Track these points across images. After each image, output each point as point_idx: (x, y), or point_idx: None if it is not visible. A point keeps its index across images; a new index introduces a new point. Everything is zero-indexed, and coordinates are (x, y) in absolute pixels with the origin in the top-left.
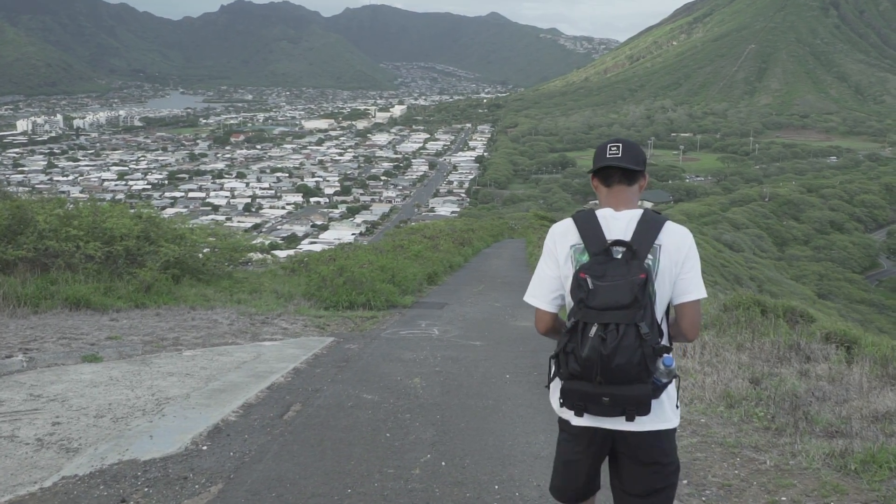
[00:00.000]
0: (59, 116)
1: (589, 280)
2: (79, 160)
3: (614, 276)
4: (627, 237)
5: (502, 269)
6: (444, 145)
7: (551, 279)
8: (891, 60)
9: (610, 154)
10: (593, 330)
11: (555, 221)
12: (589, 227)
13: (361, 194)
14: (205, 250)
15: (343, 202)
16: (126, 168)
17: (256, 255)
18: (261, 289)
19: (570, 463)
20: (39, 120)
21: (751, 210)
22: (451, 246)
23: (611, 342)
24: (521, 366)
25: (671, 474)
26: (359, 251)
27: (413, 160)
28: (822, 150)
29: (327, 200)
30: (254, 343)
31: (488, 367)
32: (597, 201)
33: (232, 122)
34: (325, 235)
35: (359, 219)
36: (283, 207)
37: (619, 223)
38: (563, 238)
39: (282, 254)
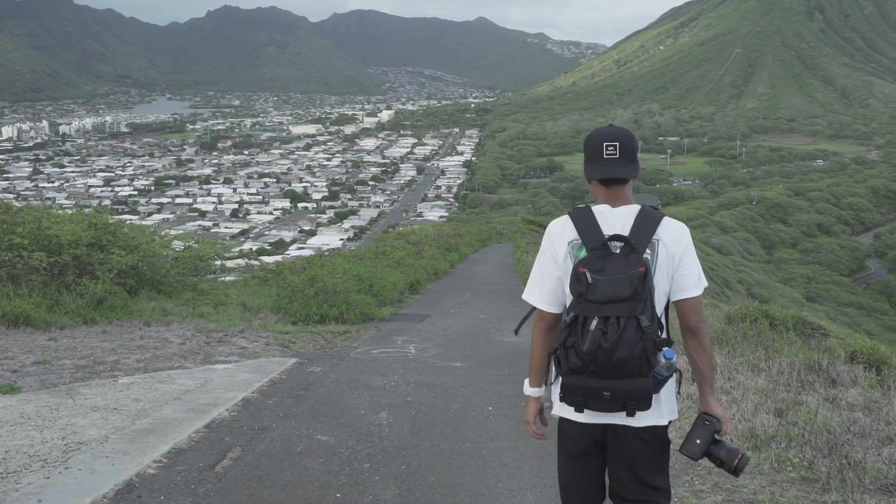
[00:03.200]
0: (44, 122)
1: (588, 274)
2: (65, 166)
3: (613, 271)
4: (625, 232)
5: (489, 275)
6: (432, 150)
7: (552, 279)
8: (875, 64)
9: (607, 154)
10: (594, 323)
11: (544, 225)
12: (586, 223)
13: (349, 199)
14: (167, 258)
15: (331, 207)
16: (112, 174)
17: (243, 262)
18: (227, 301)
19: (576, 467)
20: (25, 126)
21: (738, 213)
22: (435, 252)
23: (612, 335)
24: (507, 394)
25: (665, 473)
26: (337, 259)
27: (401, 165)
28: (808, 154)
29: (315, 206)
30: (204, 367)
31: (468, 397)
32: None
33: (219, 127)
34: (313, 241)
35: (347, 224)
36: (271, 213)
37: (616, 219)
38: (560, 235)
39: (269, 259)
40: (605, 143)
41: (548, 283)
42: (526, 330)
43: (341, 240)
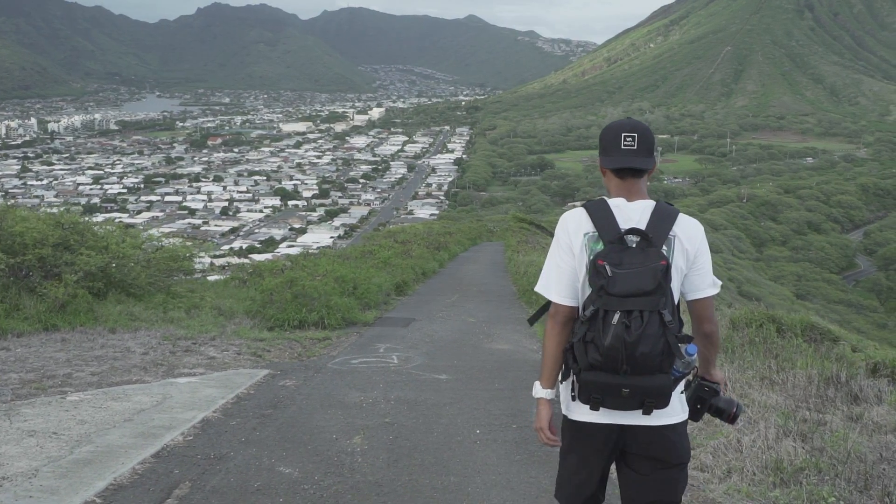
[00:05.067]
0: (33, 120)
1: (608, 267)
2: (53, 164)
3: (632, 264)
4: (642, 226)
5: (479, 275)
6: (423, 148)
7: (568, 270)
8: (864, 62)
9: (625, 145)
10: (616, 317)
11: (534, 223)
12: (602, 216)
13: (340, 197)
14: (138, 259)
15: (321, 205)
16: (101, 172)
17: (231, 261)
18: (201, 305)
19: (581, 465)
20: (13, 124)
21: (729, 211)
22: (424, 251)
23: (635, 329)
24: (497, 414)
25: (682, 478)
26: (321, 259)
27: (391, 163)
28: (798, 152)
29: (305, 204)
30: (165, 380)
31: (454, 417)
32: (576, 203)
33: (209, 125)
34: (303, 239)
35: (337, 222)
36: (261, 211)
37: (632, 213)
38: (577, 227)
39: (259, 257)
40: (623, 134)
41: (564, 276)
42: (514, 336)
43: (332, 238)
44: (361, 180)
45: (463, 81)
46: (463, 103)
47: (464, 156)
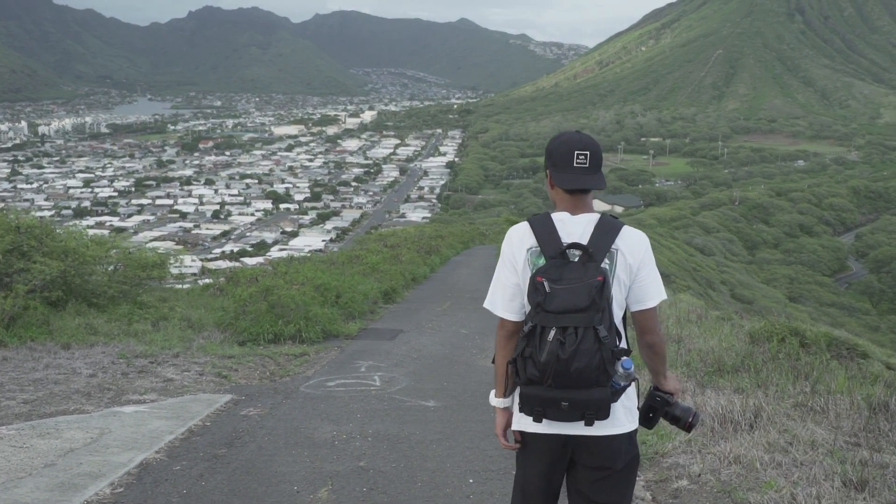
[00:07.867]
0: (23, 123)
1: (546, 283)
2: (44, 167)
3: (571, 280)
4: (584, 241)
5: (472, 280)
6: (415, 151)
7: (512, 285)
8: (855, 65)
9: (578, 163)
10: (551, 334)
11: None
12: (545, 231)
13: (332, 200)
14: (104, 267)
15: (313, 208)
16: (92, 175)
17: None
18: (170, 316)
19: (531, 478)
20: (3, 127)
21: (721, 214)
22: (414, 256)
23: (569, 346)
24: (494, 456)
25: (630, 481)
26: (304, 265)
27: (384, 166)
28: (789, 154)
29: (297, 207)
30: (108, 409)
31: (442, 460)
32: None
33: (200, 128)
34: (295, 242)
35: (329, 225)
36: (253, 214)
37: (576, 227)
38: (520, 242)
39: (251, 261)
40: (576, 152)
41: (508, 291)
42: None
43: (323, 241)
44: (353, 183)
45: (455, 84)
46: (455, 106)
47: (456, 159)
